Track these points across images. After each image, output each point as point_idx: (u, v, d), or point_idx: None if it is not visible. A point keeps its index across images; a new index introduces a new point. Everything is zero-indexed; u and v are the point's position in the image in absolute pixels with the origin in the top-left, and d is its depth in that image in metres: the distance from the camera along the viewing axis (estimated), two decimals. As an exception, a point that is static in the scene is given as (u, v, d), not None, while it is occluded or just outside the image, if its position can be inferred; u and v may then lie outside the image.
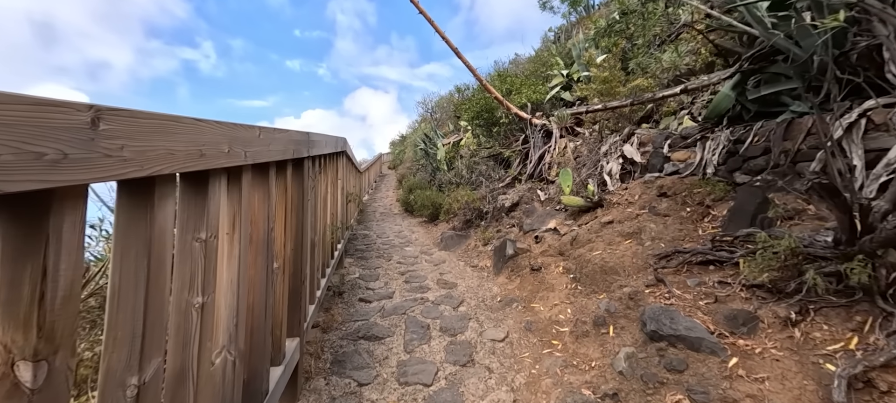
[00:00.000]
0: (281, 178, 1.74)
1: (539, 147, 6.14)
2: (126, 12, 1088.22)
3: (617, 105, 3.73)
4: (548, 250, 3.34)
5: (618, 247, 2.66)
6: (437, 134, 11.51)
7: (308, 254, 2.20)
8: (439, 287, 3.30)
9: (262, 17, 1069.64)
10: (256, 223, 1.46)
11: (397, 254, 4.51)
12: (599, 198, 3.49)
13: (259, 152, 1.35)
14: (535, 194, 5.10)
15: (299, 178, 1.98)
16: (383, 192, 14.15)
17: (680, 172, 3.03)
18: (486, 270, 3.76)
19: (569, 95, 6.75)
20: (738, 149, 2.55)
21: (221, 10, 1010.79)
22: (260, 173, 1.49)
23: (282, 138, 1.61)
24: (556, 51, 9.58)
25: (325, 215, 2.91)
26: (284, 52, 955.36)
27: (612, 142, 3.94)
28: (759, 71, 2.76)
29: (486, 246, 4.55)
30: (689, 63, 3.89)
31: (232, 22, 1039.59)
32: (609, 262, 2.52)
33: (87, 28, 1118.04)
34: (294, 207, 1.94)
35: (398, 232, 6.62)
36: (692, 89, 3.28)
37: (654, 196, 3.04)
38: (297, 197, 1.97)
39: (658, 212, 2.76)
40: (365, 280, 3.54)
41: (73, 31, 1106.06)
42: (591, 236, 3.03)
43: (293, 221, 1.93)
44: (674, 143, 3.22)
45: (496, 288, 3.20)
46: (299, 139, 1.88)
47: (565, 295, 2.64)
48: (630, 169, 3.71)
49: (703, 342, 1.53)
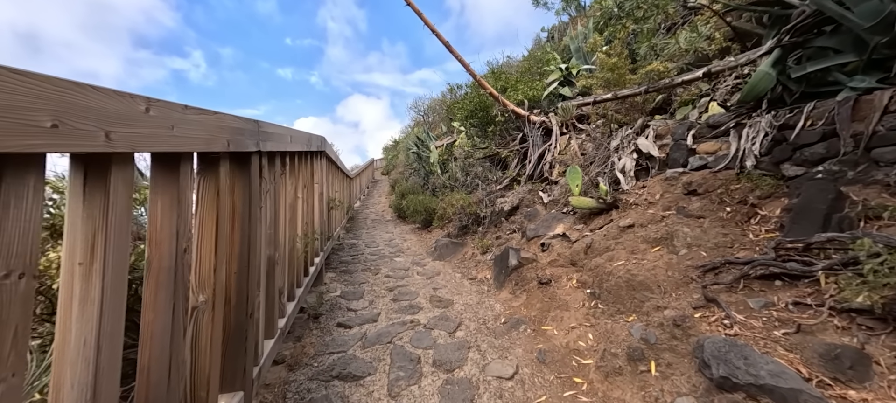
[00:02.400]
0: (209, 177, 1.27)
1: (538, 146, 5.73)
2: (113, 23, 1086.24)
3: (629, 93, 3.32)
4: (557, 259, 2.89)
5: (645, 256, 2.22)
6: (430, 136, 11.09)
7: (262, 276, 1.73)
8: (432, 305, 2.83)
9: (251, 26, 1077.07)
10: (158, 242, 1.00)
11: (386, 266, 4.03)
12: (614, 198, 3.06)
13: (148, 137, 0.89)
14: (536, 196, 4.67)
15: (244, 178, 1.51)
16: (375, 198, 13.66)
17: (710, 166, 2.61)
18: (486, 283, 3.31)
19: (568, 91, 6.35)
20: (786, 136, 2.14)
21: (210, 18, 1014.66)
22: (165, 168, 1.02)
23: (204, 121, 1.15)
24: (550, 49, 9.26)
25: (294, 225, 2.44)
26: (275, 61, 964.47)
27: (623, 136, 3.52)
28: (802, 45, 2.36)
29: (484, 255, 4.10)
30: (701, 49, 3.50)
31: (221, 31, 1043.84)
32: (636, 275, 2.08)
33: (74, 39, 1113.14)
34: (236, 216, 1.48)
35: (389, 240, 6.15)
36: (716, 72, 2.88)
37: (680, 194, 2.61)
38: (241, 202, 1.50)
39: (690, 214, 2.33)
40: (347, 298, 3.06)
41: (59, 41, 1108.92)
42: (608, 243, 2.59)
43: (234, 235, 1.47)
44: (699, 134, 2.80)
45: (499, 306, 2.74)
46: (240, 126, 1.41)
47: (583, 315, 2.19)
48: (646, 164, 3.29)
49: (801, 396, 1.09)
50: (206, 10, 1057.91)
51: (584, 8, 10.85)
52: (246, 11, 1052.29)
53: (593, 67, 5.97)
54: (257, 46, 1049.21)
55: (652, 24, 3.69)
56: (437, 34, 6.16)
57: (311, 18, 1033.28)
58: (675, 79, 3.09)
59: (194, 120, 1.09)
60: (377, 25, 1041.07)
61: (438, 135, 12.10)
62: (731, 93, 3.02)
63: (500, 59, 15.99)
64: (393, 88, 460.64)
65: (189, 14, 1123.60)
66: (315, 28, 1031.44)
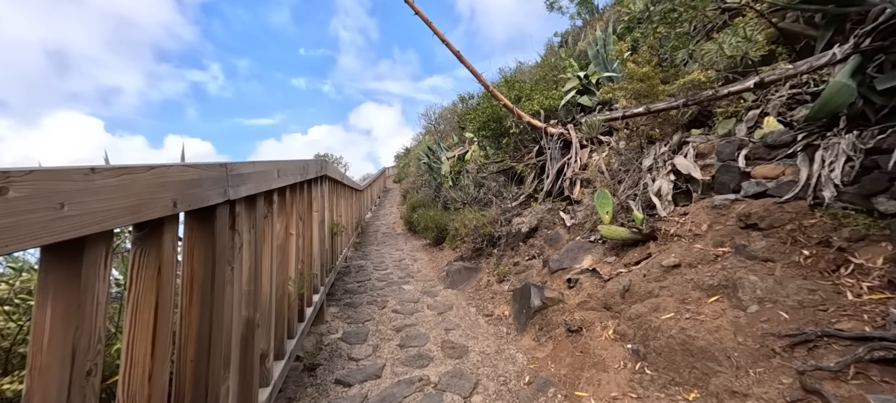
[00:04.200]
0: (147, 250, 0.96)
1: (557, 159, 5.35)
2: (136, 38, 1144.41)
3: (664, 107, 2.93)
4: (588, 301, 2.51)
5: (701, 309, 1.83)
6: (441, 146, 10.78)
7: (235, 348, 1.42)
8: (445, 354, 2.48)
9: (266, 38, 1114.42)
10: (43, 369, 0.69)
11: (394, 297, 3.70)
12: (650, 228, 2.67)
13: (9, 229, 0.58)
14: (557, 217, 4.28)
15: (205, 238, 1.21)
16: (387, 209, 13.45)
17: (771, 194, 2.20)
18: (504, 322, 2.94)
19: (587, 100, 5.97)
20: (879, 163, 1.73)
21: (227, 31, 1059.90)
22: (57, 262, 0.72)
23: (129, 184, 0.84)
24: (565, 54, 8.89)
25: (285, 268, 2.14)
26: (290, 71, 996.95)
27: (657, 154, 3.12)
28: (887, 50, 1.95)
29: (501, 284, 3.74)
30: (749, 55, 3.08)
31: (238, 43, 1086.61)
32: (695, 337, 1.69)
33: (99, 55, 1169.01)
34: (195, 287, 1.17)
35: (399, 259, 5.84)
36: (769, 82, 2.47)
37: (735, 227, 2.21)
38: (203, 267, 1.19)
39: (753, 255, 1.93)
40: (349, 342, 2.73)
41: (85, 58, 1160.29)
42: (650, 286, 2.20)
43: (192, 312, 1.16)
44: (754, 154, 2.40)
45: (521, 358, 2.37)
46: (195, 177, 1.10)
47: (626, 380, 1.81)
48: (686, 187, 2.89)
49: None
50: (224, 23, 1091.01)
51: (598, 12, 10.46)
52: (261, 24, 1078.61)
53: (615, 75, 5.57)
54: (272, 57, 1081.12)
55: (686, 28, 3.30)
56: (447, 44, 5.87)
57: (324, 28, 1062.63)
58: (719, 90, 2.69)
59: (107, 186, 0.78)
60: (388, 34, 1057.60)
61: (450, 144, 11.80)
62: (788, 105, 2.61)
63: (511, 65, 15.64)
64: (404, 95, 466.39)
65: (207, 27, 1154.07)
66: (327, 38, 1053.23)
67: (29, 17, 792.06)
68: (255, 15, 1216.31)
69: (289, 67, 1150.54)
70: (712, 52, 2.80)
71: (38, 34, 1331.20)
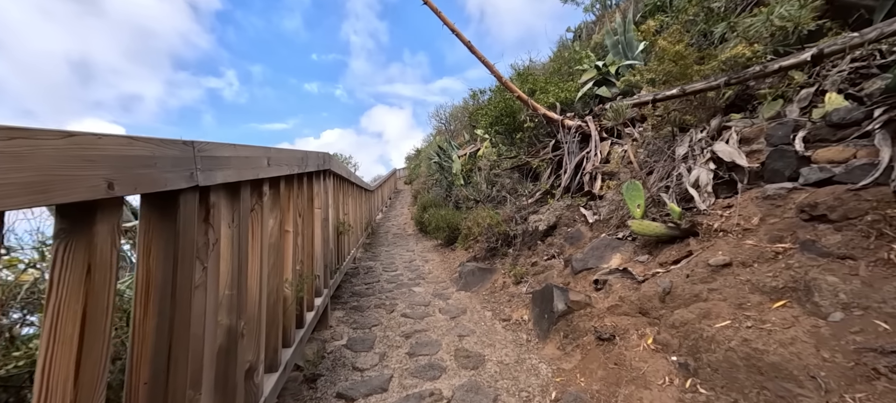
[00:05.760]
0: (75, 245, 0.74)
1: (575, 154, 5.04)
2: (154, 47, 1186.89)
3: (703, 87, 2.62)
4: (620, 305, 2.22)
5: (765, 317, 1.53)
6: (452, 145, 10.55)
7: (207, 366, 1.19)
8: (458, 364, 2.22)
9: (279, 44, 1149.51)
10: None
11: (404, 300, 3.46)
12: (690, 222, 2.36)
13: None
14: (577, 213, 3.99)
15: (165, 231, 0.98)
16: (398, 209, 13.28)
17: (839, 181, 1.88)
18: (524, 328, 2.67)
19: (606, 91, 5.64)
20: None
21: (241, 38, 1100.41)
22: None
23: (28, 155, 0.62)
24: (579, 47, 8.57)
25: (280, 269, 1.91)
26: (302, 76, 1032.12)
27: (694, 141, 2.80)
28: None
29: (518, 286, 3.46)
30: (802, 24, 2.72)
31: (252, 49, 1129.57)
32: (764, 351, 1.39)
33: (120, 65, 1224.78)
34: (151, 291, 0.94)
35: (409, 260, 5.61)
36: (830, 53, 2.15)
37: (795, 220, 1.90)
38: (161, 268, 0.97)
39: (826, 252, 1.62)
40: (354, 349, 2.50)
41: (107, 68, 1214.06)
42: (696, 287, 1.90)
43: (147, 323, 0.93)
44: (815, 136, 2.08)
45: (545, 368, 2.10)
46: (145, 153, 0.88)
47: (674, 399, 1.53)
48: (727, 177, 2.57)
49: None
50: (238, 31, 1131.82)
51: (611, 6, 10.09)
52: (274, 30, 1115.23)
53: (637, 62, 5.24)
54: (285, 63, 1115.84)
55: (722, 2, 2.98)
56: (458, 34, 5.62)
57: (335, 33, 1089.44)
58: (767, 65, 2.37)
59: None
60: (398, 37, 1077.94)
61: (461, 143, 11.56)
62: (851, 81, 2.28)
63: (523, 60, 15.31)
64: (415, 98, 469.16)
65: (222, 35, 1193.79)
66: (339, 42, 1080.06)
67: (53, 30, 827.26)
68: (268, 21, 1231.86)
69: (301, 72, 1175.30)
70: (758, 23, 2.47)
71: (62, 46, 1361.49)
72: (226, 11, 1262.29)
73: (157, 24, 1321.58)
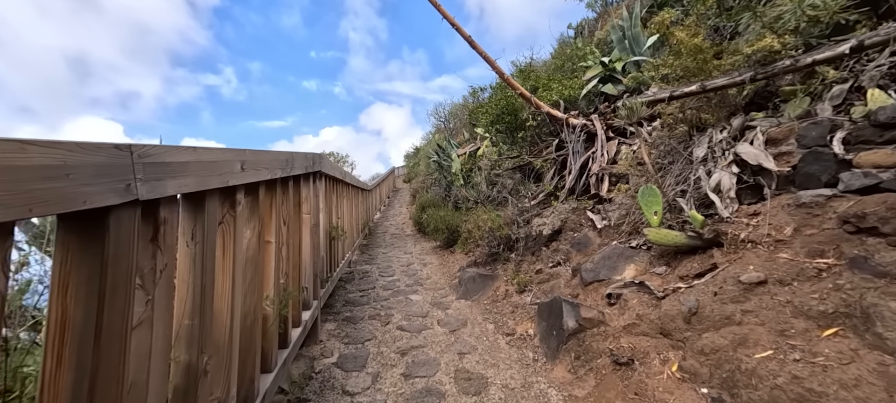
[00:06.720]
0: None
1: (580, 153, 4.82)
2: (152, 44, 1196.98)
3: (725, 83, 2.40)
4: (637, 323, 2.01)
5: (816, 347, 1.33)
6: (451, 144, 10.32)
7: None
8: (458, 388, 2.01)
9: (278, 41, 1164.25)
10: None
11: (400, 310, 3.25)
12: (714, 231, 2.15)
13: None
14: (584, 217, 3.78)
15: (90, 260, 0.77)
16: (396, 209, 13.07)
17: (887, 188, 1.67)
18: (530, 344, 2.46)
19: (612, 88, 5.43)
20: None
21: (239, 35, 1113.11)
22: None
23: None
24: (582, 44, 8.37)
25: (258, 286, 1.69)
26: (301, 73, 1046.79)
27: (713, 142, 2.60)
28: None
29: (522, 295, 3.25)
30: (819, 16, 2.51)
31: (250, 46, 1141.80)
32: (820, 392, 1.19)
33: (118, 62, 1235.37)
34: (67, 336, 0.73)
35: (407, 264, 5.40)
36: (871, 45, 1.94)
37: (837, 231, 1.69)
38: (81, 306, 0.75)
39: (883, 271, 1.41)
40: (345, 369, 2.29)
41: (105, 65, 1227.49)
42: (727, 309, 1.69)
43: (61, 378, 0.72)
44: (857, 137, 1.87)
45: (555, 395, 1.89)
46: (38, 164, 0.66)
47: (709, 443, 1.32)
48: (752, 181, 2.36)
49: None
50: (236, 27, 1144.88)
51: (614, 2, 9.88)
52: (272, 27, 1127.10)
53: (645, 59, 5.02)
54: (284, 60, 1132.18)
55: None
56: (458, 28, 5.40)
57: (334, 30, 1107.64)
58: (799, 59, 2.16)
59: None
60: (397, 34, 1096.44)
61: (461, 142, 11.32)
62: (892, 76, 2.07)
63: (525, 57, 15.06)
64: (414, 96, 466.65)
65: (220, 32, 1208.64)
66: (337, 40, 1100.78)
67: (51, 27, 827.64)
68: (267, 18, 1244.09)
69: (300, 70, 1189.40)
70: (789, 12, 2.26)
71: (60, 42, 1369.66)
72: (224, 8, 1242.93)
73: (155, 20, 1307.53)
